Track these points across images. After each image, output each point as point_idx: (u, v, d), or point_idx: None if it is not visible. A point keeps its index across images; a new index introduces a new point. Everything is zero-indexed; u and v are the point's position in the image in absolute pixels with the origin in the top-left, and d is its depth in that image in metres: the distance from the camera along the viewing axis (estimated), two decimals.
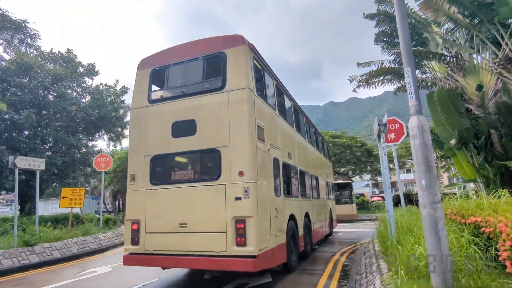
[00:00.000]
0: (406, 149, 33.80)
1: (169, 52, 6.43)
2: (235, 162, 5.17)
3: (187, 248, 5.16)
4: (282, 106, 7.58)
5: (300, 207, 7.97)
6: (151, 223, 5.57)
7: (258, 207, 5.05)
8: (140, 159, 5.97)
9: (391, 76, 13.02)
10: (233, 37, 5.77)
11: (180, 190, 5.49)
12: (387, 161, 6.23)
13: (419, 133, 3.79)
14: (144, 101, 6.21)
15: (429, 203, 3.54)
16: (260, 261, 4.86)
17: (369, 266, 5.36)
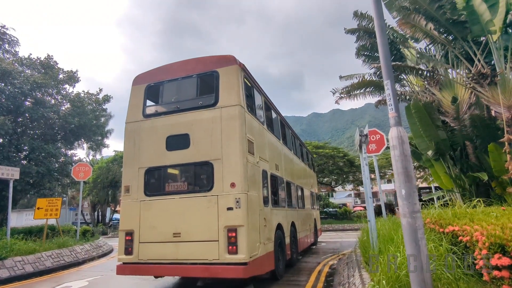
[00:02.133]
0: (387, 159, 34.59)
1: (164, 69, 6.73)
2: (227, 174, 5.47)
3: (180, 257, 5.34)
4: (269, 120, 7.93)
5: (287, 217, 8.18)
6: (145, 233, 5.73)
7: (248, 216, 5.30)
8: (134, 171, 6.16)
9: (371, 89, 13.37)
10: (225, 57, 6.15)
11: (174, 201, 5.71)
12: (368, 171, 6.33)
13: (399, 143, 3.86)
14: (139, 115, 6.46)
15: (409, 212, 3.58)
16: (251, 268, 5.11)
17: (352, 277, 5.36)
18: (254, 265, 5.22)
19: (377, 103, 14.87)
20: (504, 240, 2.74)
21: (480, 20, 9.74)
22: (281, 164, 8.38)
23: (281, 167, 8.31)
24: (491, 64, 10.84)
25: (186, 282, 7.03)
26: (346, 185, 39.75)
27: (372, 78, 13.24)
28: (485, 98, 10.10)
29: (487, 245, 2.86)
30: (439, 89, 11.90)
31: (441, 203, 14.53)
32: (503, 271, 2.67)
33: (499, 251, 2.73)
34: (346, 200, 56.01)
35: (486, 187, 10.00)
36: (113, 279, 7.88)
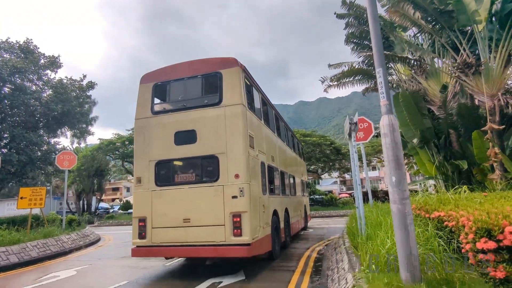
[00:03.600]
0: (372, 147, 35.24)
1: (170, 69, 7.26)
2: (232, 166, 6.10)
3: (190, 240, 6.01)
4: (266, 115, 8.53)
5: (281, 204, 8.88)
6: (157, 219, 6.34)
7: (251, 203, 5.99)
8: (145, 163, 6.72)
9: (360, 77, 13.43)
10: (228, 60, 6.73)
11: (183, 190, 6.33)
12: (357, 158, 6.40)
13: (390, 131, 3.89)
14: (148, 112, 6.96)
15: (399, 199, 3.65)
16: (253, 248, 5.84)
17: (340, 261, 5.48)
18: (255, 245, 5.97)
19: (364, 91, 14.99)
20: (490, 224, 2.82)
21: (466, 10, 9.84)
22: (276, 156, 9.02)
23: (276, 158, 8.96)
24: (476, 54, 11.03)
25: (187, 264, 7.05)
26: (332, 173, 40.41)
27: (361, 66, 13.28)
28: (469, 87, 10.31)
29: (474, 229, 2.95)
30: (425, 78, 12.07)
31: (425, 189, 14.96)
32: (489, 254, 2.76)
33: (485, 235, 2.81)
34: (332, 187, 57.02)
35: (468, 174, 10.34)
36: (101, 268, 7.81)
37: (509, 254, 2.63)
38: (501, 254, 2.67)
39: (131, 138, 29.11)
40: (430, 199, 6.10)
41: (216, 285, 5.52)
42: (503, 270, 2.62)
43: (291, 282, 5.49)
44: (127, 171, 33.68)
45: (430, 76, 12.01)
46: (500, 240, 2.71)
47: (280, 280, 5.66)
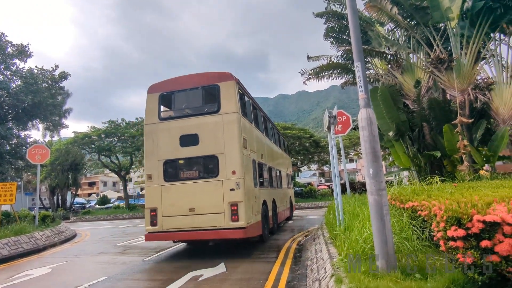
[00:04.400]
0: (350, 140, 36.05)
1: (174, 81, 8.44)
2: (229, 164, 7.29)
3: (195, 225, 7.18)
4: (256, 118, 9.75)
5: (269, 195, 10.13)
6: (166, 209, 7.46)
7: (245, 195, 7.19)
8: (154, 163, 7.81)
9: (339, 71, 13.62)
10: (224, 74, 7.93)
11: (188, 184, 7.48)
12: (336, 151, 6.52)
13: (368, 124, 3.97)
14: (155, 119, 8.05)
15: (376, 190, 3.75)
16: (247, 231, 7.04)
17: (319, 252, 5.60)
18: (249, 229, 7.18)
19: (343, 85, 15.23)
20: (460, 213, 2.96)
21: (440, 7, 10.15)
22: (265, 153, 10.27)
23: (265, 155, 10.21)
24: (448, 50, 11.45)
25: (168, 259, 6.97)
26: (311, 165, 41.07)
27: (339, 60, 13.45)
28: (441, 82, 10.71)
29: (445, 218, 3.08)
30: (401, 73, 12.41)
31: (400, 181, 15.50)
32: (458, 241, 2.90)
33: (455, 223, 2.95)
34: (311, 179, 58.03)
35: (440, 165, 10.80)
36: (78, 264, 7.59)
37: (477, 241, 2.77)
38: (469, 241, 2.81)
39: (107, 131, 28.22)
40: (404, 190, 6.34)
41: (197, 278, 5.51)
42: (471, 256, 2.76)
43: (271, 272, 5.57)
44: (104, 165, 32.67)
45: (405, 71, 12.36)
46: (469, 228, 2.85)
47: (261, 271, 5.73)
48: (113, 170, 32.34)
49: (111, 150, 29.37)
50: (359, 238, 4.17)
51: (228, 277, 5.45)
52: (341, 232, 5.13)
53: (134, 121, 29.86)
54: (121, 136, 29.06)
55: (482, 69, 11.46)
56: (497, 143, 9.31)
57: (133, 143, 28.72)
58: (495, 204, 3.20)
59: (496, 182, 6.33)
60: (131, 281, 5.73)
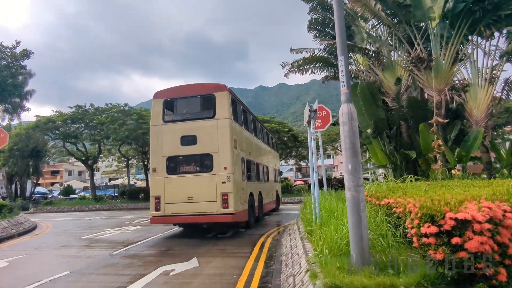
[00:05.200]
0: (328, 136, 36.76)
1: (176, 89, 10.40)
2: (222, 161, 9.03)
3: (192, 211, 8.93)
4: (246, 121, 11.54)
5: (256, 188, 11.96)
6: (168, 197, 9.18)
7: (234, 187, 8.96)
8: (159, 158, 9.52)
9: (321, 65, 13.77)
10: (219, 85, 9.70)
11: (187, 177, 9.24)
12: (315, 146, 6.61)
13: (348, 120, 4.04)
14: (160, 121, 9.77)
15: (354, 186, 3.84)
16: (236, 217, 8.83)
17: (295, 247, 5.69)
18: (237, 215, 8.95)
19: (324, 79, 15.44)
20: (433, 210, 3.10)
21: (422, 6, 10.47)
22: (253, 151, 12.09)
23: (253, 153, 12.03)
24: (428, 50, 11.86)
25: (138, 253, 6.83)
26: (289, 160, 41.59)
27: (322, 54, 13.59)
28: (420, 81, 11.11)
29: (419, 215, 3.22)
30: (382, 70, 12.75)
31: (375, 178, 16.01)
32: (431, 238, 3.05)
33: (429, 220, 3.09)
34: (288, 174, 58.82)
35: (415, 164, 11.27)
36: (38, 258, 7.27)
37: (448, 238, 2.92)
38: (441, 238, 2.96)
39: (74, 116, 27.04)
40: (380, 187, 6.56)
41: (167, 273, 5.44)
42: (442, 252, 2.91)
43: (245, 267, 5.60)
44: (69, 153, 31.35)
45: (386, 68, 12.71)
46: (441, 225, 2.99)
47: (235, 266, 5.75)
48: (79, 159, 31.13)
49: (77, 137, 28.21)
50: (335, 234, 4.27)
51: (201, 272, 5.43)
52: (317, 227, 5.24)
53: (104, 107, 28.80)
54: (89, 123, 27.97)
55: (459, 70, 12.01)
56: (470, 144, 9.84)
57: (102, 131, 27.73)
58: (466, 202, 3.38)
59: (467, 181, 6.69)
60: (96, 275, 5.57)
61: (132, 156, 38.53)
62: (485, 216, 2.85)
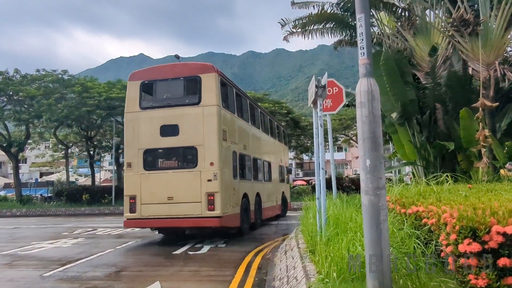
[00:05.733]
0: (340, 121, 36.99)
1: (156, 69, 11.54)
2: (208, 156, 9.91)
3: (173, 213, 9.89)
4: (240, 107, 12.62)
5: (252, 188, 13.11)
6: (145, 197, 10.11)
7: (222, 186, 9.87)
8: (134, 151, 10.47)
9: (333, 25, 13.72)
10: (206, 66, 10.88)
11: (168, 174, 10.26)
12: (322, 134, 6.64)
13: (368, 100, 4.05)
14: (136, 107, 10.72)
15: (373, 188, 3.87)
16: (223, 220, 9.82)
17: (292, 269, 5.77)
18: (225, 219, 9.88)
19: (336, 44, 15.44)
20: (476, 223, 3.17)
21: None
22: (249, 144, 13.20)
23: (249, 146, 13.10)
24: (475, 10, 11.94)
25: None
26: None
27: (334, 10, 13.51)
28: (463, 51, 11.22)
29: (457, 228, 3.28)
30: (413, 35, 12.80)
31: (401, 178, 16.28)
32: (471, 258, 3.12)
33: (469, 236, 3.16)
34: None
35: (453, 160, 11.47)
36: None
37: (494, 258, 2.99)
38: (485, 259, 3.03)
39: None
40: (407, 191, 6.66)
41: None
42: (485, 277, 2.98)
43: None
44: None
45: (419, 32, 12.76)
46: (485, 242, 3.06)
47: None
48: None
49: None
50: (346, 253, 4.33)
51: None
52: (322, 243, 5.30)
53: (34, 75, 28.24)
54: (13, 96, 27.43)
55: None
56: None
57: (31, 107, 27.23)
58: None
59: None
60: None
61: (74, 143, 38.17)
62: None
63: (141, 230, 13.85)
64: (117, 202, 29.76)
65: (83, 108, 27.28)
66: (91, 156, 35.60)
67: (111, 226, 16.76)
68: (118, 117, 34.27)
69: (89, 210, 28.22)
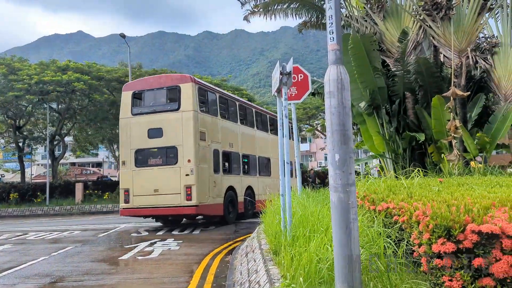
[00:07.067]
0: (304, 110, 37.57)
1: (144, 81, 15.54)
2: (186, 154, 12.96)
3: (159, 203, 13.15)
4: (225, 109, 16.06)
5: (241, 182, 16.40)
6: (136, 189, 13.48)
7: (198, 179, 12.88)
8: (127, 151, 13.93)
9: (297, 5, 13.79)
10: (184, 76, 14.22)
11: (154, 170, 13.50)
12: (288, 125, 6.66)
13: (338, 89, 4.08)
14: (129, 113, 14.19)
15: (342, 185, 3.92)
16: (199, 209, 13.00)
17: (254, 273, 5.79)
18: (202, 208, 13.08)
19: (301, 26, 15.54)
20: (450, 221, 3.28)
21: None
22: (237, 142, 16.37)
23: (237, 144, 16.32)
24: None
25: None
26: None
27: None
28: (435, 36, 11.64)
29: (431, 227, 3.39)
30: (383, 18, 13.11)
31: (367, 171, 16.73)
32: (446, 259, 3.23)
33: (444, 235, 3.27)
34: None
35: (422, 152, 11.93)
36: None
37: (469, 258, 3.11)
38: (459, 259, 3.15)
39: None
40: (377, 185, 6.84)
41: None
42: (460, 278, 3.10)
43: None
44: None
45: (389, 16, 13.10)
46: (460, 241, 3.18)
47: None
48: None
49: None
50: (315, 254, 4.38)
51: None
52: (287, 244, 5.35)
53: None
54: None
55: (486, 24, 12.73)
56: (497, 127, 10.60)
57: None
58: (493, 209, 3.63)
59: (491, 178, 7.24)
60: None
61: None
62: None
63: (81, 233, 14.30)
64: (52, 202, 28.78)
65: (10, 93, 26.04)
66: (20, 148, 34.06)
67: (45, 229, 16.19)
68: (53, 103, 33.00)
69: (18, 211, 27.10)
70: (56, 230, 15.70)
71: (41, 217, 25.20)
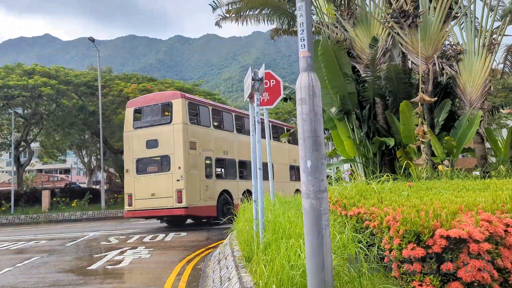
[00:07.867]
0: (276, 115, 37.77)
1: (143, 98, 18.27)
2: (177, 162, 15.28)
3: (155, 206, 15.57)
4: (219, 121, 18.30)
5: (237, 186, 18.32)
6: (138, 194, 15.94)
7: (187, 184, 15.16)
8: (130, 160, 16.54)
9: (269, 11, 13.87)
10: (175, 93, 17.41)
11: (151, 176, 15.96)
12: (260, 131, 6.66)
13: (309, 96, 4.09)
14: (131, 127, 16.96)
15: (314, 192, 3.93)
16: (189, 211, 15.28)
17: (227, 281, 5.74)
18: (192, 209, 15.27)
19: (273, 33, 15.64)
20: (420, 226, 3.34)
21: None
22: (233, 149, 18.61)
23: (233, 151, 18.57)
24: (414, 1, 12.70)
25: None
26: None
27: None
28: (403, 43, 11.91)
29: (401, 232, 3.44)
30: (353, 25, 13.33)
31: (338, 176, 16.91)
32: (415, 264, 3.28)
33: (413, 240, 3.32)
34: None
35: (392, 157, 12.15)
36: None
37: (438, 263, 3.17)
38: (429, 264, 3.20)
39: None
40: (347, 190, 6.91)
41: None
42: (429, 283, 3.15)
43: None
44: None
45: (359, 22, 13.33)
46: (429, 246, 3.23)
47: None
48: None
49: None
50: (286, 261, 4.38)
51: None
52: (260, 251, 5.32)
53: None
54: None
55: (451, 31, 13.12)
56: (463, 131, 10.91)
57: None
58: (460, 213, 3.71)
59: (458, 182, 7.42)
60: None
61: None
62: (483, 233, 3.15)
63: (48, 243, 13.90)
64: (17, 210, 27.91)
65: None
66: None
67: (9, 239, 15.70)
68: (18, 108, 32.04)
69: None
70: (22, 239, 15.26)
71: (6, 226, 24.48)
